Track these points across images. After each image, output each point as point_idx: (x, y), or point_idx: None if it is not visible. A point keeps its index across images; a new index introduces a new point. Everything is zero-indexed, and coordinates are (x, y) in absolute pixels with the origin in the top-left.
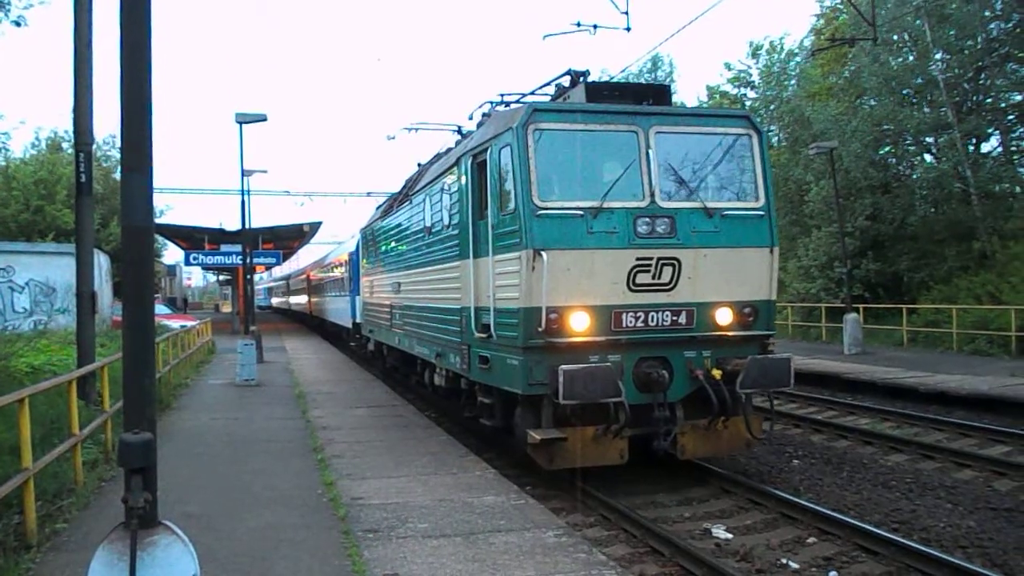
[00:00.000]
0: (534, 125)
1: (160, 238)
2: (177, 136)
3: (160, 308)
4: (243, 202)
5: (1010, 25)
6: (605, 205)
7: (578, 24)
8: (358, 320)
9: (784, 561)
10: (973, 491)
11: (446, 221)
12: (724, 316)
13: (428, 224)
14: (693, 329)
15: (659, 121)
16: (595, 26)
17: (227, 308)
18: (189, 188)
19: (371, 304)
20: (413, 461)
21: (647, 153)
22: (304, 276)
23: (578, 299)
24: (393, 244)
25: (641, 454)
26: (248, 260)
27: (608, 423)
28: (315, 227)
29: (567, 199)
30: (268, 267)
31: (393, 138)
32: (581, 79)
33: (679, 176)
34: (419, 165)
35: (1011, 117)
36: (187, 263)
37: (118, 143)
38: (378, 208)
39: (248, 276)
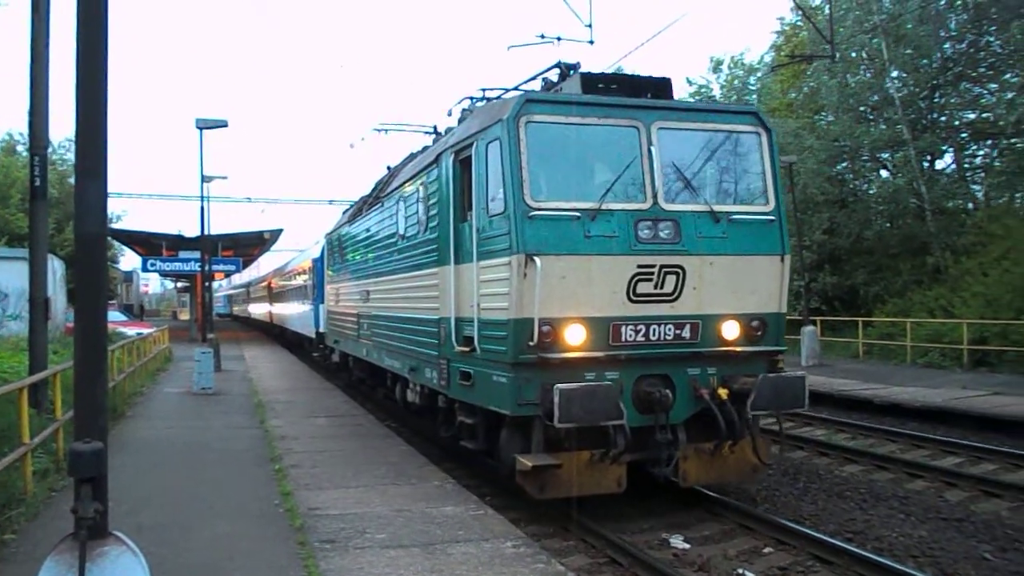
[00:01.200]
0: (526, 117)
1: (117, 244)
2: (136, 141)
3: (115, 315)
4: (202, 208)
5: (964, 46)
6: (604, 207)
7: (542, 36)
8: (322, 330)
9: (741, 571)
10: (925, 501)
11: (423, 225)
12: (731, 330)
13: (402, 228)
14: (697, 344)
15: (662, 116)
16: (559, 38)
17: (185, 316)
18: (147, 193)
19: (337, 313)
20: (372, 471)
21: (649, 150)
22: (265, 284)
23: (574, 310)
24: (362, 250)
25: (634, 482)
26: (207, 267)
27: (606, 447)
28: (276, 234)
29: (562, 199)
30: (228, 274)
31: (354, 146)
32: (572, 71)
33: (683, 176)
34: (389, 168)
35: (964, 135)
36: (144, 269)
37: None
38: (345, 212)
39: (207, 283)
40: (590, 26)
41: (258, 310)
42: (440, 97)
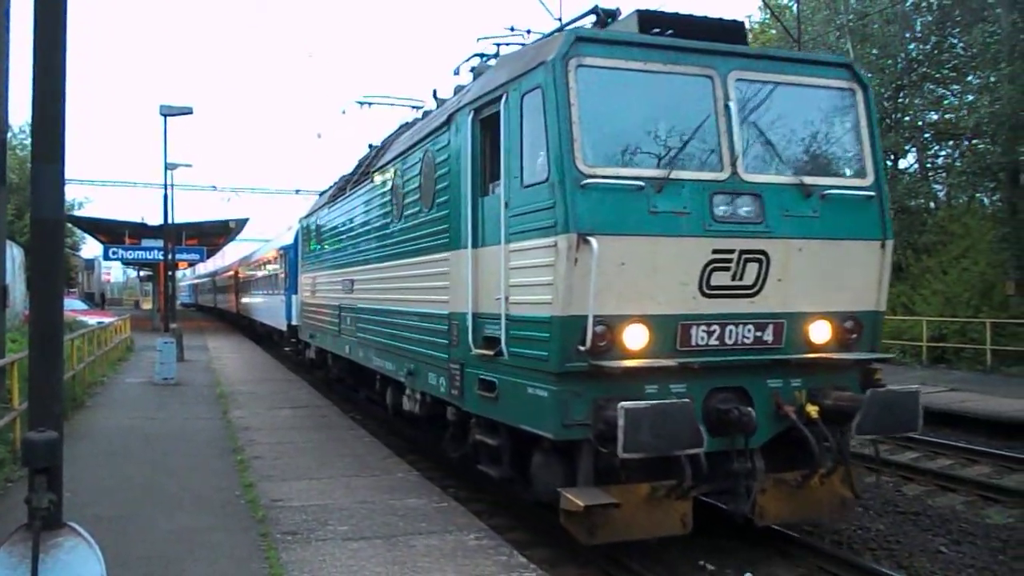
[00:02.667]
0: (577, 59)
1: (78, 231)
2: (98, 127)
3: (76, 303)
4: (166, 196)
5: (928, 47)
6: (672, 176)
7: (512, 29)
8: (294, 322)
9: (701, 563)
10: (883, 495)
11: (427, 202)
12: (820, 332)
13: (398, 207)
14: (781, 349)
15: (741, 65)
16: (528, 31)
17: (148, 305)
18: (110, 180)
19: (312, 305)
20: (335, 462)
21: (726, 106)
22: (232, 273)
23: (635, 306)
24: (344, 235)
25: (704, 519)
26: (170, 256)
27: (672, 478)
28: (241, 224)
29: (622, 165)
30: (192, 264)
31: (321, 136)
32: (612, 20)
33: (767, 139)
34: (371, 147)
35: (927, 135)
36: (106, 258)
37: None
38: (322, 195)
39: (170, 272)
40: (560, 19)
41: (224, 300)
42: (409, 87)
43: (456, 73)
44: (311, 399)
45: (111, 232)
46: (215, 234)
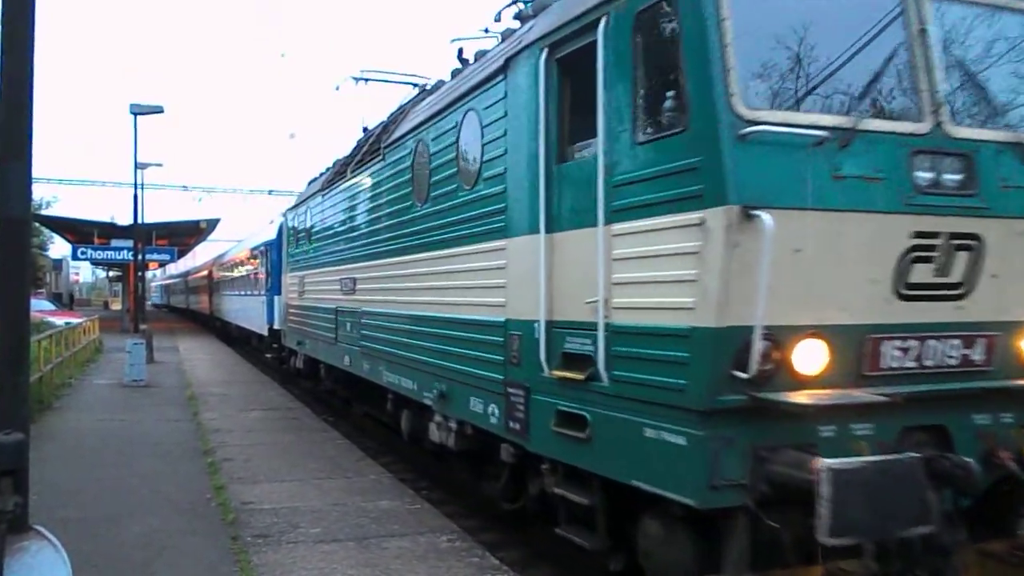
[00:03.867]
0: None
1: (46, 231)
2: (68, 125)
3: (43, 304)
4: (136, 196)
5: None
6: (862, 127)
7: (486, 31)
8: (277, 326)
9: None
10: None
11: (470, 177)
12: None
13: (420, 188)
14: (992, 373)
15: None
16: (503, 34)
17: (117, 306)
18: (78, 179)
19: (301, 308)
20: (307, 464)
21: (922, 31)
22: (205, 273)
23: (811, 312)
24: (344, 226)
25: None
26: (140, 256)
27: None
28: (213, 224)
29: (795, 109)
30: (162, 264)
31: (294, 136)
32: None
33: (977, 81)
34: (366, 130)
35: None
36: (75, 258)
37: None
38: (312, 183)
39: (139, 273)
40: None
41: (197, 301)
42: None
43: (497, 19)
44: (283, 401)
45: (79, 232)
46: (186, 234)
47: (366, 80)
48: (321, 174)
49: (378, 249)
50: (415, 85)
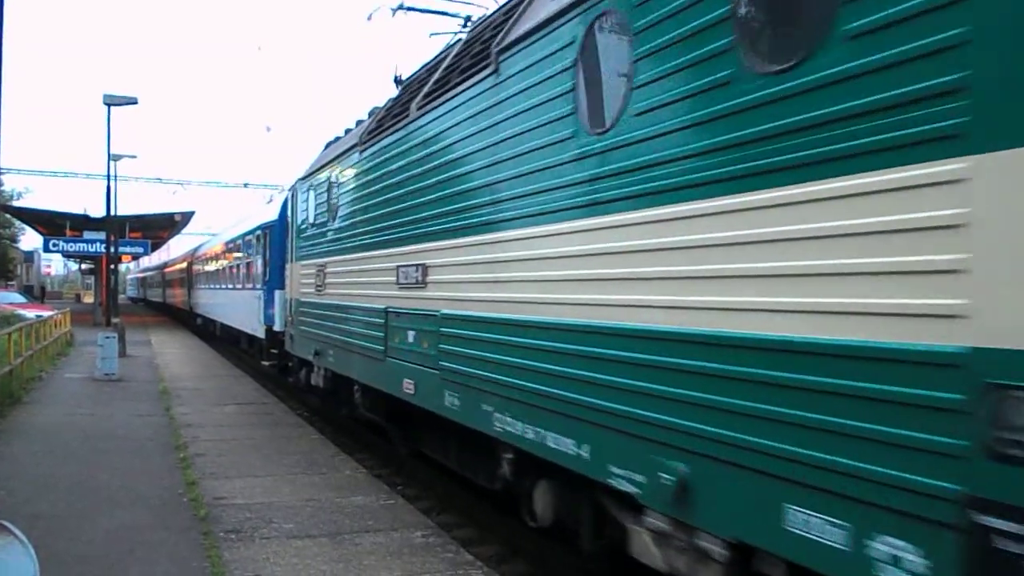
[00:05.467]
0: None
1: (17, 222)
2: (41, 116)
3: (14, 297)
4: (108, 188)
5: None
6: None
7: (464, 25)
8: (278, 328)
9: None
10: None
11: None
12: None
13: (619, 96)
14: None
15: None
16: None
17: (89, 299)
18: (51, 171)
19: (319, 307)
20: (281, 460)
21: None
22: (183, 265)
23: None
24: (413, 187)
25: None
26: (113, 249)
27: None
28: (187, 217)
29: None
30: (135, 257)
31: (271, 129)
32: None
33: None
34: (397, 82)
35: None
36: (46, 250)
37: None
38: (332, 144)
39: (112, 266)
40: None
41: (176, 295)
42: (360, 84)
43: None
44: (257, 396)
45: (52, 224)
46: (160, 227)
47: (406, 9)
48: (348, 131)
49: (495, 216)
50: (462, 16)
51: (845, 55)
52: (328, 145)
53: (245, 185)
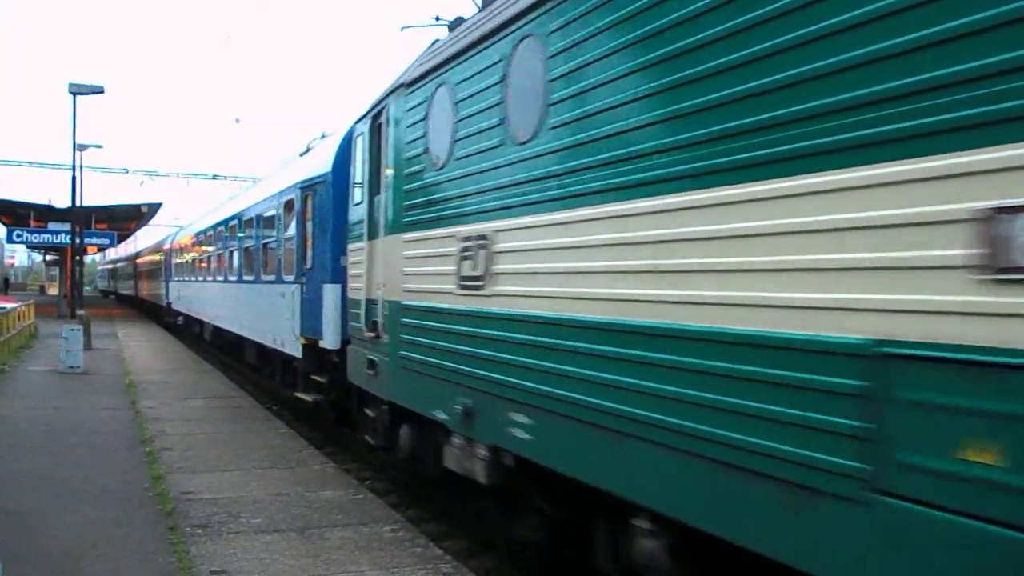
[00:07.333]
0: None
1: None
2: (5, 105)
3: None
4: (74, 178)
5: None
6: None
7: (437, 18)
8: (330, 345)
9: None
10: None
11: None
12: None
13: None
14: None
15: None
16: (454, 22)
17: (54, 291)
18: (14, 160)
19: (472, 326)
20: (250, 454)
21: None
22: (157, 254)
23: None
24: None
25: None
26: (78, 240)
27: None
28: (155, 208)
29: None
30: (101, 248)
31: (240, 121)
32: None
33: None
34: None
35: None
36: (10, 240)
37: None
38: (456, 22)
39: (77, 257)
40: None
41: (152, 289)
42: (331, 76)
43: None
44: (226, 390)
45: (15, 214)
46: (127, 218)
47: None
48: (472, 19)
49: None
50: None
51: None
52: (433, 44)
53: (214, 177)
